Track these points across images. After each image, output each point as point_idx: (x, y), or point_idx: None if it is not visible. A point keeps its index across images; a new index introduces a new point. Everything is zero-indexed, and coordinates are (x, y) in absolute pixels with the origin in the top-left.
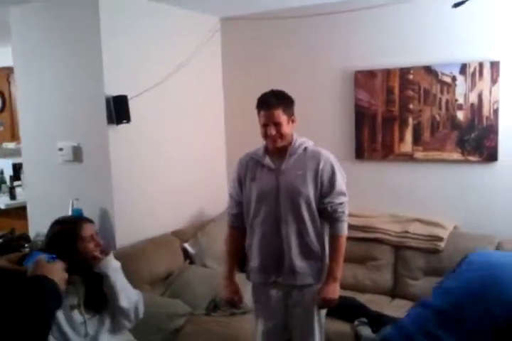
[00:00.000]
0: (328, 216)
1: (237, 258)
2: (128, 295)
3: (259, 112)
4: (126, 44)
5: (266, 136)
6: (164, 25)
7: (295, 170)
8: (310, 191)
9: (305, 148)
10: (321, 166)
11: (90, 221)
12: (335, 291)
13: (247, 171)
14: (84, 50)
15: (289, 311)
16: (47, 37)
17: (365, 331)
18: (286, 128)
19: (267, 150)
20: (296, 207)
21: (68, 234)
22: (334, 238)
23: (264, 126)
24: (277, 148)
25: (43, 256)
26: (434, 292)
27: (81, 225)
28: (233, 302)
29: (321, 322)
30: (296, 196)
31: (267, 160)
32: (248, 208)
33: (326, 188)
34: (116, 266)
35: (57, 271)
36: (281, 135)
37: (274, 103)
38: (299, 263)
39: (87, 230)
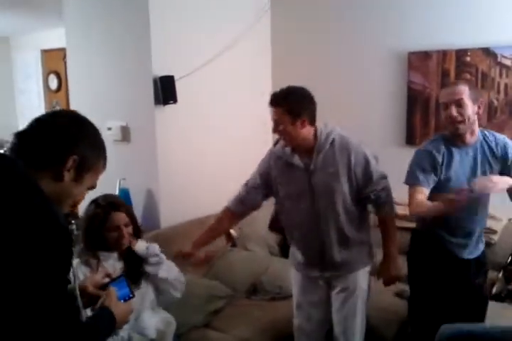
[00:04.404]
0: (372, 202)
1: (214, 235)
2: (167, 269)
3: None
4: (174, 24)
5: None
6: (213, 4)
7: (326, 167)
8: (345, 187)
9: (332, 141)
10: (353, 161)
11: (122, 209)
12: (396, 268)
13: (276, 172)
14: (133, 30)
15: (332, 296)
16: (96, 18)
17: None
18: (292, 130)
19: (293, 148)
20: (332, 204)
21: (97, 221)
22: (384, 220)
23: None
24: (298, 148)
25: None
26: None
27: (110, 215)
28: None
29: (363, 304)
30: (332, 194)
31: (296, 160)
32: (282, 208)
33: (363, 180)
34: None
35: (124, 314)
36: (285, 137)
37: (276, 100)
38: (341, 255)
39: (116, 221)
